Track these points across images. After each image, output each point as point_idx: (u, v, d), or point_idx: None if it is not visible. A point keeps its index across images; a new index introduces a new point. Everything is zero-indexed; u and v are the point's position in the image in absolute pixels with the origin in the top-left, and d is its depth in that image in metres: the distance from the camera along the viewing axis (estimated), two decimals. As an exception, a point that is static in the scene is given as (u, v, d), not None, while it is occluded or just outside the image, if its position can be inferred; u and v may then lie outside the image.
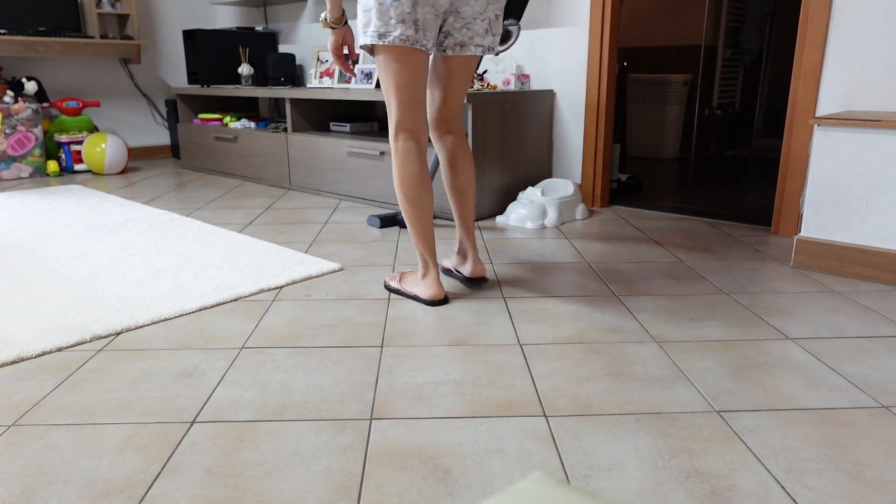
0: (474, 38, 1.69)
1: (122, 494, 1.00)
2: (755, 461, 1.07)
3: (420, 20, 1.59)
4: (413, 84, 1.67)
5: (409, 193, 1.73)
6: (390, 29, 1.59)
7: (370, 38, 1.61)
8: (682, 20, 4.83)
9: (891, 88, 2.16)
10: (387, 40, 1.60)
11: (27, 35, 3.91)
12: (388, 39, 1.60)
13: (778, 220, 2.51)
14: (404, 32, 1.59)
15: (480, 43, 1.71)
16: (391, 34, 1.59)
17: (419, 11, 1.58)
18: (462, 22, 1.66)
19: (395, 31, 1.59)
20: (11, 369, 1.41)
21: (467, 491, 1.00)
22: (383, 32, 1.60)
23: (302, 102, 3.46)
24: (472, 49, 1.71)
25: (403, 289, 1.86)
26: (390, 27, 1.59)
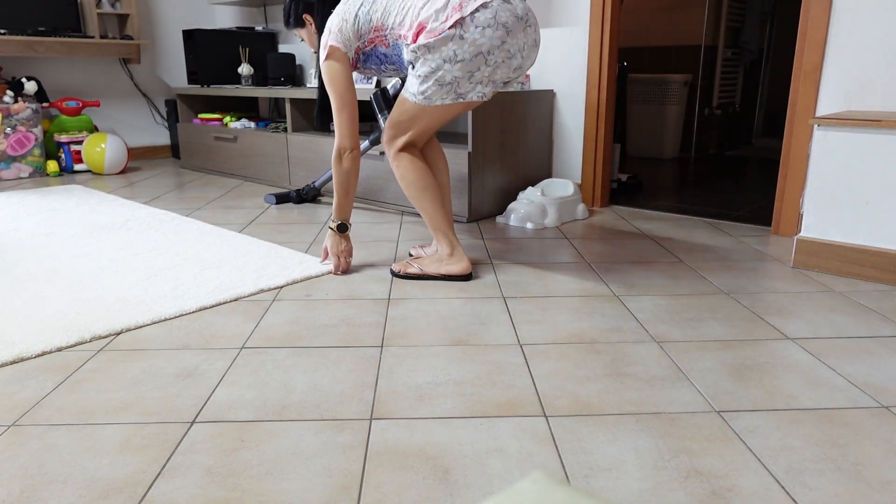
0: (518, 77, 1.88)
1: (122, 494, 1.00)
2: (755, 461, 1.07)
3: (497, 80, 1.80)
4: (443, 122, 1.88)
5: (424, 182, 1.92)
6: (469, 90, 1.78)
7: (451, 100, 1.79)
8: (682, 20, 4.83)
9: (891, 88, 2.16)
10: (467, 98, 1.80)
11: (27, 35, 3.91)
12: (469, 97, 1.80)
13: (778, 220, 2.51)
14: (482, 90, 1.80)
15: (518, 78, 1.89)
16: (469, 94, 1.79)
17: (498, 73, 1.78)
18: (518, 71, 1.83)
19: (475, 90, 1.78)
20: (11, 369, 1.41)
21: (467, 491, 1.00)
22: (463, 93, 1.78)
23: (302, 102, 3.46)
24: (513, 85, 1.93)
25: (429, 271, 1.97)
26: (469, 89, 1.78)
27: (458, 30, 1.68)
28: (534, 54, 1.83)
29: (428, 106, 1.81)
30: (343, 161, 1.92)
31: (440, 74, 1.73)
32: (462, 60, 1.70)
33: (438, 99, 1.78)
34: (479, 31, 1.68)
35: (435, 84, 1.75)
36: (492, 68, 1.74)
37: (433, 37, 1.70)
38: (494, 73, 1.76)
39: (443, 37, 1.69)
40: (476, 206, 2.76)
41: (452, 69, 1.72)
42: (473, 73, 1.73)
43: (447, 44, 1.69)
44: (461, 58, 1.70)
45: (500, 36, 1.69)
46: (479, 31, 1.68)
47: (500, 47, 1.71)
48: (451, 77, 1.73)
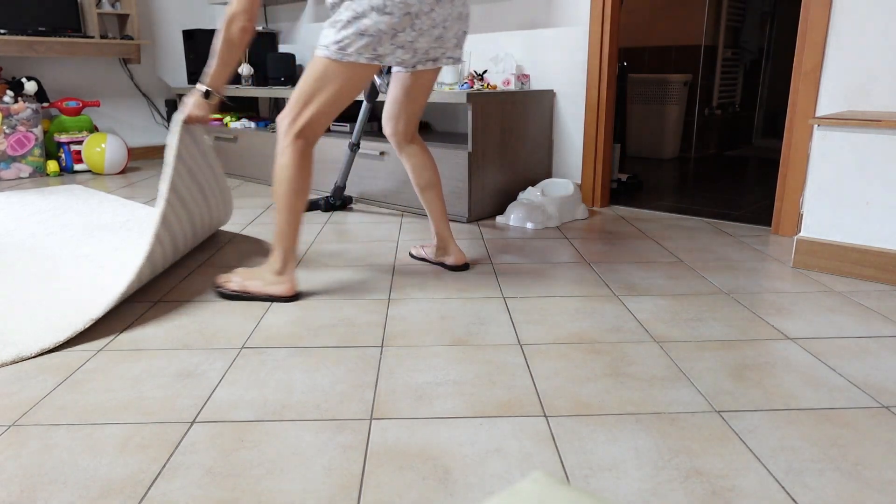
0: (446, 52, 1.79)
1: (122, 494, 1.00)
2: (755, 461, 1.07)
3: (419, 48, 1.70)
4: (350, 98, 1.74)
5: (299, 185, 1.75)
6: (387, 52, 1.66)
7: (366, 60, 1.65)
8: (682, 20, 4.83)
9: (891, 88, 2.16)
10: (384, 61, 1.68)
11: (27, 35, 3.91)
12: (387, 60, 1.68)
13: (778, 220, 2.51)
14: (402, 56, 1.69)
15: (451, 55, 1.81)
16: (388, 56, 1.67)
17: (420, 41, 1.69)
18: (440, 43, 1.75)
19: (395, 53, 1.67)
20: (11, 369, 1.41)
21: (467, 491, 1.00)
22: (381, 54, 1.65)
23: (302, 102, 3.46)
24: (443, 62, 1.81)
25: (251, 289, 1.81)
26: (388, 50, 1.66)
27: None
28: (457, 27, 1.75)
29: (339, 65, 1.65)
30: (231, 27, 1.70)
31: (364, 23, 1.60)
32: (390, 14, 1.60)
33: (355, 53, 1.62)
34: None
35: (356, 33, 1.61)
36: (416, 34, 1.66)
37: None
38: (418, 40, 1.67)
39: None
40: (476, 206, 2.76)
41: (379, 20, 1.60)
42: (398, 32, 1.63)
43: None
44: (390, 11, 1.60)
45: (430, 2, 1.64)
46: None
47: (428, 14, 1.65)
48: (374, 29, 1.60)
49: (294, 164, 1.73)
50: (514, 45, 3.14)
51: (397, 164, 2.92)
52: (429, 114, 3.63)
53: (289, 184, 1.74)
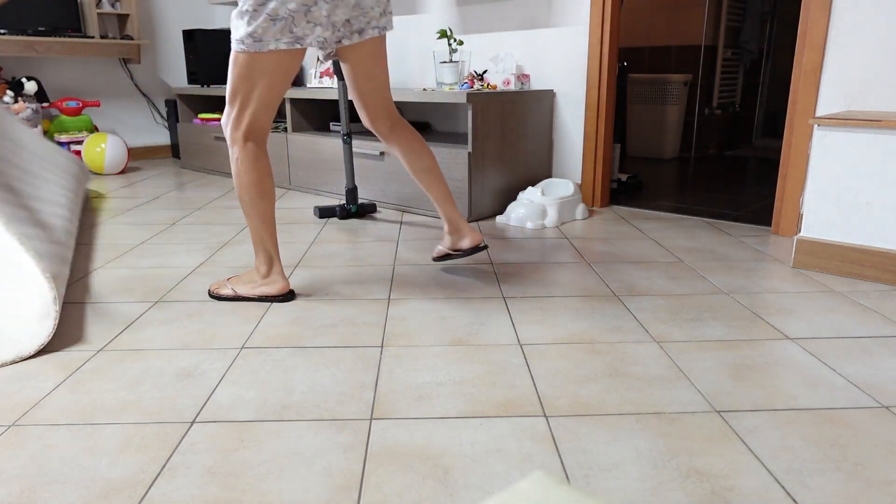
0: (371, 21, 1.67)
1: (122, 494, 1.00)
2: (755, 461, 1.07)
3: (336, 21, 1.60)
4: (284, 86, 1.65)
5: (262, 188, 1.70)
6: (306, 32, 1.56)
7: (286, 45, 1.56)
8: (682, 20, 4.83)
9: (891, 88, 2.16)
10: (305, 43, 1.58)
11: (27, 35, 3.91)
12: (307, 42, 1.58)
13: (778, 220, 2.51)
14: (322, 34, 1.59)
15: (377, 24, 1.69)
16: (308, 37, 1.57)
17: (337, 13, 1.59)
18: (361, 11, 1.64)
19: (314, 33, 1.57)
20: (11, 369, 1.41)
21: (467, 491, 1.00)
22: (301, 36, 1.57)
23: (302, 102, 3.46)
24: (369, 32, 1.68)
25: (243, 293, 1.81)
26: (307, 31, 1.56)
27: None
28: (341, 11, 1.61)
29: (261, 55, 1.56)
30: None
31: (271, 6, 1.51)
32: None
33: (272, 40, 1.54)
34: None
35: (267, 19, 1.52)
36: (331, 6, 1.56)
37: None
38: (334, 11, 1.57)
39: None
40: (476, 206, 2.76)
41: (286, 0, 1.51)
42: (311, 7, 1.53)
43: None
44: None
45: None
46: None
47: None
48: (284, 10, 1.51)
49: (250, 169, 1.68)
50: (514, 45, 3.14)
51: (397, 164, 2.92)
52: (429, 114, 3.64)
53: (250, 189, 1.69)
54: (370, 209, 2.87)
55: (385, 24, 1.71)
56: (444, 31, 2.87)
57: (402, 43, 3.64)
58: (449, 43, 2.90)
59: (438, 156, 2.75)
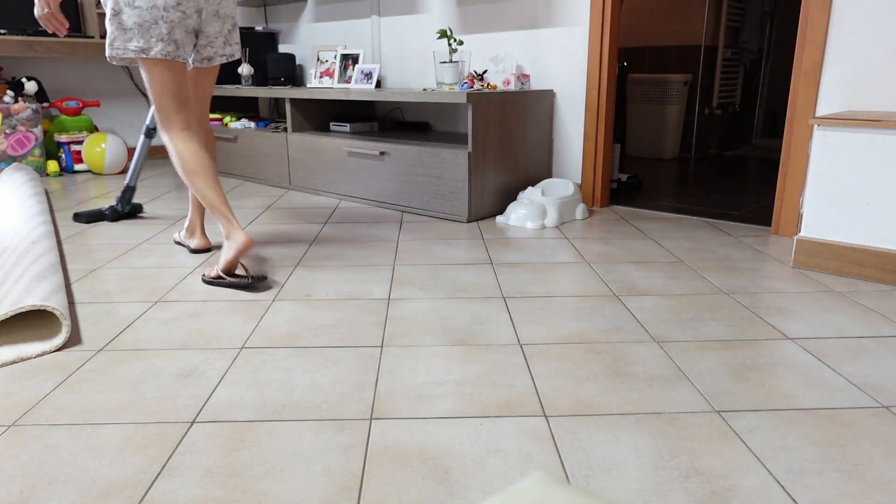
0: (217, 49, 2.01)
1: (122, 494, 1.00)
2: (755, 461, 1.07)
3: (178, 39, 1.87)
4: (181, 87, 1.94)
5: (199, 166, 1.94)
6: (152, 45, 1.84)
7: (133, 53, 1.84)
8: (682, 20, 4.83)
9: (891, 88, 2.16)
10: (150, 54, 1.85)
11: (27, 35, 3.91)
12: (152, 54, 1.85)
13: (778, 220, 2.51)
14: (165, 48, 1.85)
15: (223, 52, 2.03)
16: (153, 49, 1.84)
17: (176, 33, 1.86)
18: (207, 39, 1.97)
19: (157, 46, 1.84)
20: (11, 369, 1.41)
21: (467, 491, 1.00)
22: (145, 48, 1.84)
23: (302, 102, 3.46)
24: (218, 59, 2.03)
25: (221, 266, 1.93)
26: (152, 44, 1.84)
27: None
28: (217, 25, 1.95)
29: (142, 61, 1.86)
30: None
31: (122, 18, 1.81)
32: (139, 7, 1.79)
33: (120, 46, 1.83)
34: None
35: (118, 28, 1.82)
36: (168, 25, 1.83)
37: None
38: (173, 32, 1.84)
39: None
40: (476, 206, 2.76)
41: (131, 14, 1.80)
42: (150, 26, 1.81)
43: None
44: (139, 5, 1.79)
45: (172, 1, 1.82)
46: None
47: (176, 7, 1.83)
48: (131, 23, 1.80)
49: (178, 152, 1.94)
50: (514, 45, 3.14)
51: (397, 165, 2.92)
52: (429, 114, 3.64)
53: (184, 166, 1.93)
54: (139, 209, 2.89)
55: (231, 52, 2.06)
56: (444, 31, 2.87)
57: (402, 43, 3.64)
58: (449, 43, 2.90)
59: (438, 156, 2.75)
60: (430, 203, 2.85)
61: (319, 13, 4.11)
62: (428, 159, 2.80)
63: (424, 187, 2.84)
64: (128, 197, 2.80)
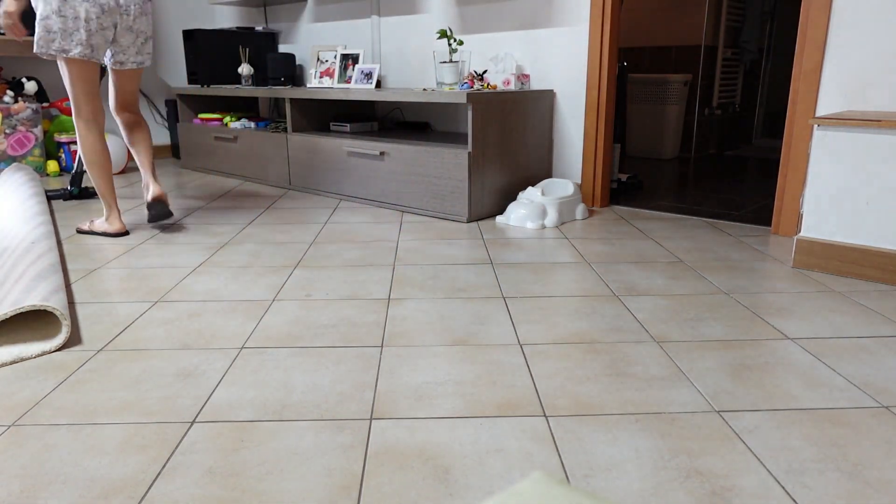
0: (129, 57, 2.44)
1: (122, 494, 1.00)
2: (755, 461, 1.07)
3: (94, 44, 2.27)
4: (91, 83, 2.36)
5: (95, 157, 2.42)
6: (72, 48, 2.23)
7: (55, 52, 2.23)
8: (682, 20, 4.83)
9: (891, 88, 2.16)
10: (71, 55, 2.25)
11: (27, 35, 3.90)
12: (71, 54, 2.25)
13: (778, 220, 2.51)
14: (83, 51, 2.25)
15: (134, 60, 2.45)
16: (73, 51, 2.24)
17: (94, 39, 2.26)
18: (120, 48, 2.39)
19: (76, 49, 2.24)
20: (11, 369, 1.41)
21: (467, 491, 1.00)
22: (66, 49, 2.23)
23: (302, 102, 3.46)
24: (129, 65, 2.45)
25: (94, 229, 2.52)
26: (72, 46, 2.23)
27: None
28: (129, 37, 2.38)
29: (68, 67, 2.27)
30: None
31: (48, 22, 2.20)
32: (64, 17, 2.20)
33: (44, 45, 2.22)
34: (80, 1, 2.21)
35: (44, 30, 2.21)
36: (87, 33, 2.23)
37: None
38: (91, 38, 2.24)
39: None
40: (476, 206, 2.76)
41: (57, 21, 2.20)
42: (72, 32, 2.21)
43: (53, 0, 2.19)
44: (63, 14, 2.20)
45: (95, 11, 2.23)
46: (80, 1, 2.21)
47: (95, 20, 2.24)
48: (56, 28, 2.20)
49: (83, 143, 2.40)
50: (514, 45, 3.14)
51: (397, 164, 2.92)
52: (429, 114, 3.64)
53: (85, 156, 2.42)
54: (92, 194, 3.27)
55: (142, 60, 2.47)
56: (444, 31, 2.87)
57: (402, 43, 3.64)
58: (449, 43, 2.90)
59: (438, 156, 2.75)
60: (430, 203, 2.85)
61: (319, 13, 4.11)
62: (428, 159, 2.80)
63: (424, 187, 2.85)
64: (78, 180, 3.19)
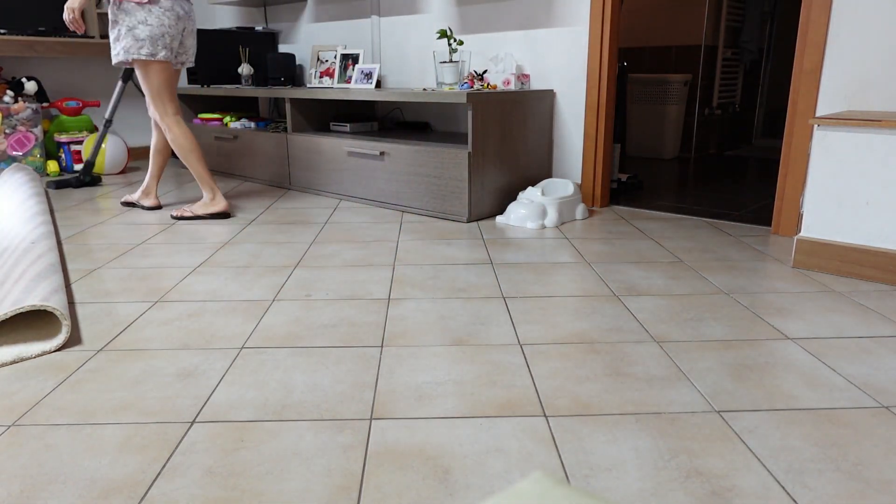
0: (189, 57, 2.74)
1: (122, 494, 1.00)
2: (755, 461, 1.07)
3: (173, 48, 2.61)
4: (173, 83, 2.72)
5: (191, 146, 2.72)
6: (158, 51, 2.57)
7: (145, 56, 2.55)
8: (682, 20, 4.83)
9: (891, 88, 2.16)
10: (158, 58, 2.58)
11: (27, 35, 3.90)
12: (158, 57, 2.58)
13: (778, 220, 2.51)
14: (167, 55, 2.60)
15: (191, 60, 2.76)
16: (159, 54, 2.57)
17: (173, 44, 2.60)
18: (184, 49, 2.70)
19: (162, 53, 2.57)
20: (11, 369, 1.41)
21: (467, 491, 1.00)
22: (154, 53, 2.56)
23: (302, 102, 3.46)
24: (188, 64, 2.76)
25: (198, 213, 2.78)
26: (158, 50, 2.57)
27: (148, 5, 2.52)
28: (191, 40, 2.71)
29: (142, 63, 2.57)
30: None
31: (136, 32, 2.51)
32: (150, 25, 2.52)
33: (134, 51, 2.52)
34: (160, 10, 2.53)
35: (133, 39, 2.51)
36: (170, 38, 2.57)
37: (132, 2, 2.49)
38: (171, 43, 2.58)
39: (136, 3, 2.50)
40: (476, 206, 2.76)
41: (144, 30, 2.52)
42: (158, 38, 2.53)
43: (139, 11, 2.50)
44: (150, 23, 2.51)
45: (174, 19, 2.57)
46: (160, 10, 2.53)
47: (174, 26, 2.57)
48: (144, 35, 2.51)
49: (180, 135, 2.70)
50: (514, 45, 3.14)
51: (397, 164, 2.92)
52: (429, 114, 3.64)
53: (182, 144, 2.70)
54: (98, 181, 3.56)
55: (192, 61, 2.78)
56: (444, 31, 2.87)
57: (402, 43, 3.64)
58: (449, 43, 2.90)
59: (438, 156, 2.75)
60: (430, 203, 2.85)
61: (319, 13, 4.11)
62: (428, 159, 2.80)
63: (424, 187, 2.85)
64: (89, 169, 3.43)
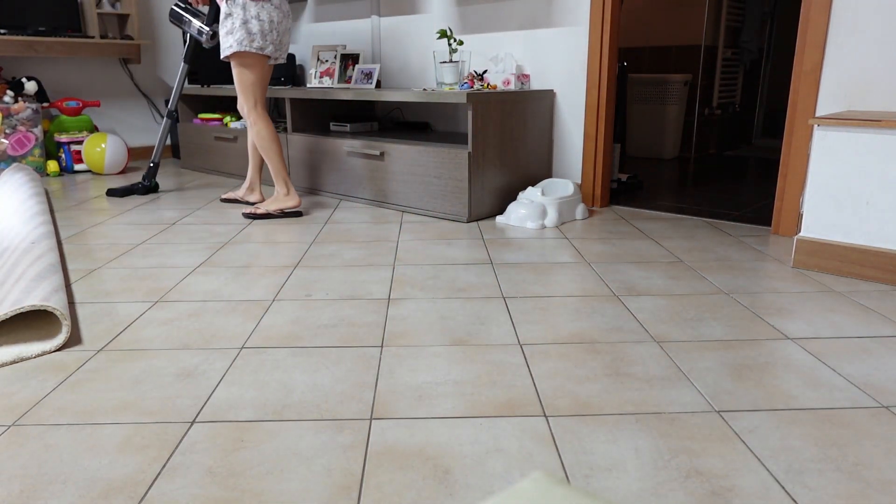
0: (284, 53, 2.76)
1: (122, 494, 1.00)
2: (755, 461, 1.07)
3: (276, 43, 2.67)
4: (267, 80, 2.77)
5: (273, 142, 2.76)
6: (266, 46, 2.63)
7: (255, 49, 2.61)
8: (682, 20, 4.83)
9: (891, 88, 2.16)
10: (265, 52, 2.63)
11: (27, 35, 3.91)
12: (266, 51, 2.64)
13: (778, 220, 2.51)
14: (274, 51, 2.67)
15: (282, 58, 2.75)
16: (267, 48, 2.63)
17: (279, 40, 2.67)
18: (283, 45, 2.71)
19: (269, 47, 2.64)
20: (11, 369, 1.41)
21: (467, 491, 1.00)
22: (263, 47, 2.62)
23: (302, 102, 3.46)
24: (282, 59, 2.76)
25: (272, 210, 2.79)
26: (266, 44, 2.62)
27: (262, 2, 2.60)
28: (287, 37, 2.74)
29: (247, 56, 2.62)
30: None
31: (249, 26, 2.57)
32: (262, 21, 2.59)
33: (247, 44, 2.58)
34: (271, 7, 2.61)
35: (246, 33, 2.57)
36: (278, 34, 2.65)
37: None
38: (277, 38, 2.65)
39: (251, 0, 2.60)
40: (476, 206, 2.76)
41: (255, 24, 2.58)
42: (267, 33, 2.60)
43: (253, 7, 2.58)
44: (262, 18, 2.59)
45: (280, 16, 2.65)
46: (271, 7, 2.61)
47: (281, 23, 2.66)
48: (255, 30, 2.58)
49: (264, 128, 2.75)
50: (514, 45, 3.14)
51: (397, 164, 2.92)
52: (429, 114, 3.63)
53: (268, 141, 2.75)
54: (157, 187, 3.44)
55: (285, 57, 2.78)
56: (444, 31, 2.87)
57: (402, 43, 3.64)
58: (449, 43, 2.90)
59: (438, 156, 2.75)
60: (430, 203, 2.85)
61: (319, 13, 4.11)
62: (428, 159, 2.80)
63: (424, 187, 2.85)
64: (155, 171, 3.34)
